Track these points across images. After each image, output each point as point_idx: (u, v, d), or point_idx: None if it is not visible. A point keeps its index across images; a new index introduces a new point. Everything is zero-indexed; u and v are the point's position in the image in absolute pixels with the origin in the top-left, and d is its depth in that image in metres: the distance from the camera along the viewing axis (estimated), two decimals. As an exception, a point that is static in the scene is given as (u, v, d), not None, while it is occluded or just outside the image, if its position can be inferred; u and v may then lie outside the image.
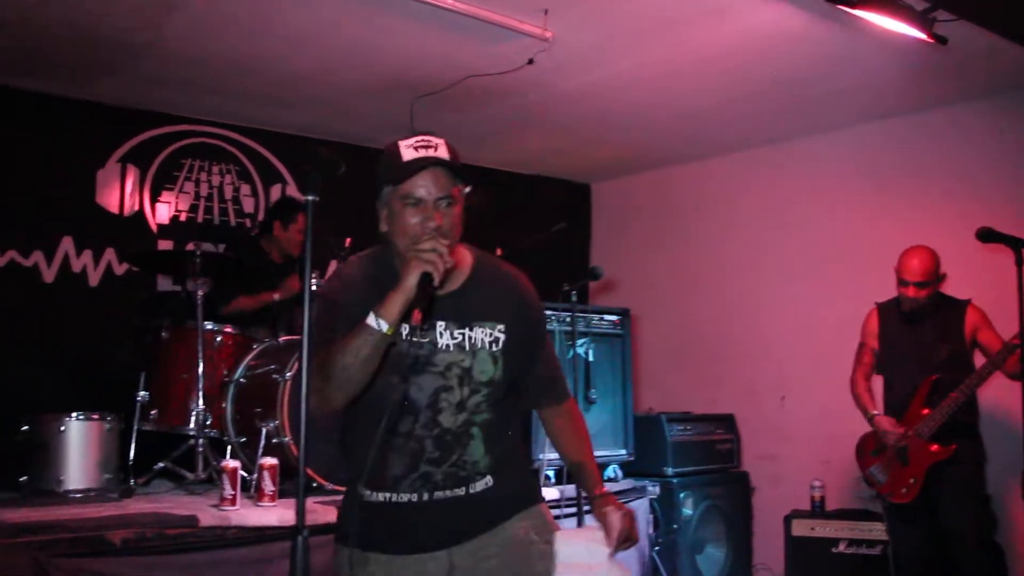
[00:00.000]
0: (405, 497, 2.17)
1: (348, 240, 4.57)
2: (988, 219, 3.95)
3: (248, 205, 5.91)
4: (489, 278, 2.27)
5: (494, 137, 6.14)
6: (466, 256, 2.26)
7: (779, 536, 5.36)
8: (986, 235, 3.69)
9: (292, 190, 6.02)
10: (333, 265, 5.40)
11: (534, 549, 2.24)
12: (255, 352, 4.38)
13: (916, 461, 4.30)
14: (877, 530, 4.91)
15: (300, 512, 1.90)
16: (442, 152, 2.12)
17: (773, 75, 4.93)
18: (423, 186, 2.09)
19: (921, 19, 3.87)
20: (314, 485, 3.97)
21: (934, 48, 4.12)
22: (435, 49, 4.58)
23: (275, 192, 6.00)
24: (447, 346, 2.16)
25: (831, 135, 5.96)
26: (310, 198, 2.07)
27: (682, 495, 5.02)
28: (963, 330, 4.39)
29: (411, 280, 2.00)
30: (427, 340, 2.15)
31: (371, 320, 1.99)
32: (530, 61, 4.55)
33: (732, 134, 6.11)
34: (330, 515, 3.58)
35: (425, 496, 2.17)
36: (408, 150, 2.11)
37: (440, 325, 2.17)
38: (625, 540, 2.26)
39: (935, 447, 4.26)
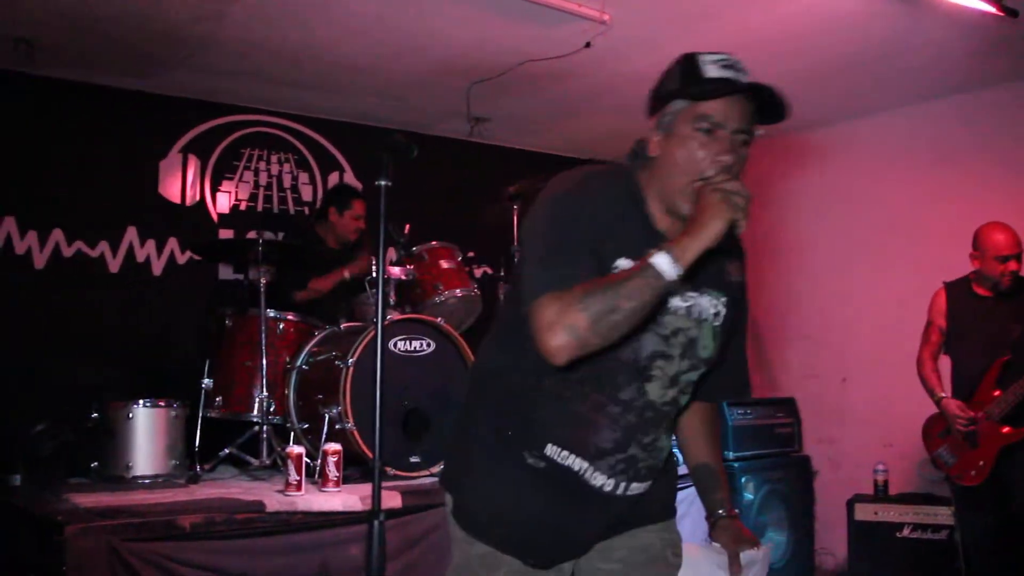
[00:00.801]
0: (600, 480, 1.85)
1: (407, 226, 4.60)
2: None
3: (306, 193, 5.96)
4: (725, 243, 1.78)
5: (550, 122, 6.12)
6: None
7: (841, 521, 5.30)
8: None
9: (350, 178, 6.06)
10: (392, 253, 5.44)
11: (666, 570, 2.00)
12: (317, 339, 4.42)
13: (986, 443, 4.23)
14: (943, 514, 4.83)
15: (376, 497, 1.91)
16: (749, 78, 1.82)
17: (832, 55, 4.84)
18: (724, 111, 1.79)
19: (994, -8, 3.77)
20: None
21: (1003, 21, 4.01)
22: (491, 34, 4.57)
23: (333, 180, 6.04)
24: (677, 308, 1.84)
25: (896, 113, 5.84)
26: (383, 183, 2.07)
27: (743, 479, 4.97)
28: (1036, 311, 4.29)
29: (718, 225, 1.68)
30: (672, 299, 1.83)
31: (660, 260, 1.63)
32: (587, 44, 4.52)
33: (793, 115, 6.00)
34: (394, 500, 3.62)
35: (622, 486, 1.87)
36: (712, 67, 1.82)
37: (695, 283, 1.85)
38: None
39: (1007, 429, 4.18)
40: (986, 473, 4.23)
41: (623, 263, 1.75)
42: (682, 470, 2.19)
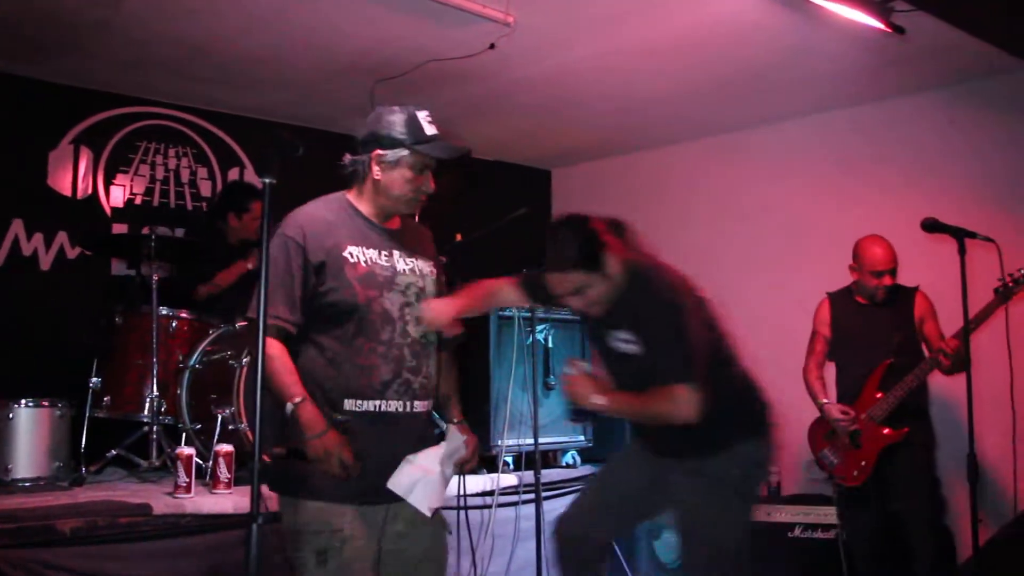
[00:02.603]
0: (393, 405, 2.56)
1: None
2: (943, 207, 4.02)
3: (205, 188, 5.83)
4: (414, 228, 2.85)
5: (454, 122, 6.04)
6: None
7: (735, 521, 5.41)
8: (931, 226, 3.74)
9: (250, 174, 5.95)
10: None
11: (434, 527, 2.74)
12: (211, 338, 4.33)
13: (868, 444, 4.37)
14: (831, 514, 4.96)
15: (255, 499, 1.88)
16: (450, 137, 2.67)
17: (734, 63, 4.95)
18: (432, 164, 2.65)
19: (880, 9, 3.91)
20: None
21: (893, 38, 4.16)
22: (396, 32, 4.54)
23: (233, 175, 5.92)
24: (403, 270, 2.66)
25: (792, 123, 6.01)
26: (268, 180, 2.06)
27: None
28: (913, 316, 4.47)
29: (317, 455, 2.42)
30: (388, 264, 2.63)
31: (291, 400, 2.43)
32: (492, 46, 4.52)
33: (693, 121, 6.14)
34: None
35: (407, 404, 2.59)
36: (427, 124, 2.62)
37: (396, 254, 2.66)
38: (466, 463, 2.79)
39: (887, 430, 4.33)
40: (868, 473, 4.37)
41: (353, 249, 2.58)
42: (573, 473, 2.52)
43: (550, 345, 4.78)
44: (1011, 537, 4.36)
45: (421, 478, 2.57)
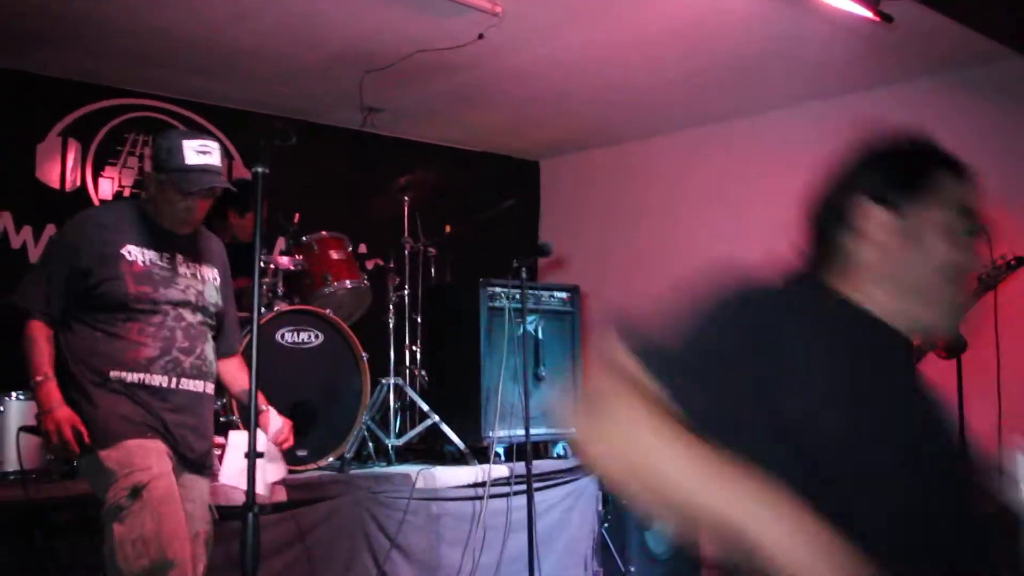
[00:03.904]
0: (157, 380, 2.80)
1: (297, 216, 4.53)
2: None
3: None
4: (207, 237, 3.11)
5: (442, 113, 6.12)
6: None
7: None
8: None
9: (239, 166, 5.93)
10: (281, 242, 5.34)
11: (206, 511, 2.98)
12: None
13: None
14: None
15: (251, 488, 1.89)
16: (217, 161, 2.85)
17: (722, 53, 4.96)
18: (197, 194, 2.84)
19: (868, -5, 3.92)
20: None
21: (879, 26, 4.18)
22: (384, 24, 4.53)
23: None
24: (185, 273, 2.93)
25: (779, 112, 6.01)
26: (260, 170, 2.08)
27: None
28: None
29: (47, 429, 2.72)
30: (169, 265, 2.90)
31: (33, 378, 2.82)
32: (480, 36, 4.52)
33: (681, 112, 6.14)
34: (280, 494, 3.56)
35: (175, 381, 2.83)
36: (192, 153, 2.80)
37: (178, 257, 2.93)
38: (280, 440, 3.10)
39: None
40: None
41: (133, 248, 2.85)
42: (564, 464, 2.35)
43: (540, 336, 4.78)
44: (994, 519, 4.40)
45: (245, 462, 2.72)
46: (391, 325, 4.76)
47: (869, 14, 3.98)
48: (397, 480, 4.08)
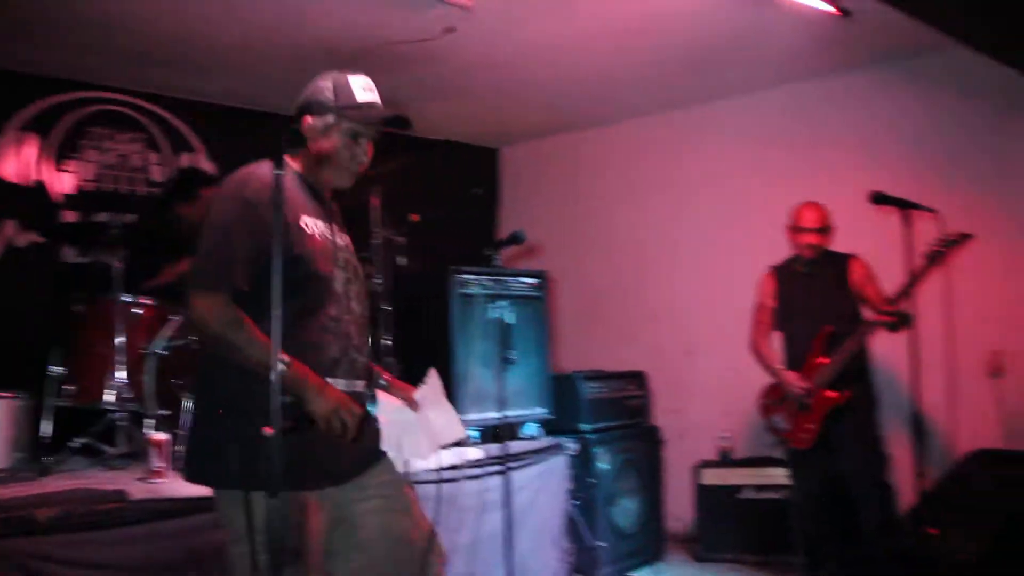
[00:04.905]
0: (340, 385, 2.39)
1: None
2: (883, 182, 4.22)
3: (157, 175, 5.78)
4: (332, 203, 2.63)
5: (414, 105, 6.12)
6: None
7: (689, 486, 5.62)
8: (878, 198, 3.97)
9: (203, 159, 5.92)
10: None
11: (404, 487, 2.65)
12: (175, 324, 4.34)
13: (815, 408, 4.57)
14: (780, 475, 5.19)
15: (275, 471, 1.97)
16: (379, 98, 2.52)
17: (683, 42, 5.08)
18: (366, 131, 2.49)
19: (830, -8, 4.06)
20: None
21: (839, 19, 4.33)
22: (355, 16, 4.57)
23: (185, 162, 5.88)
24: (341, 244, 2.53)
25: (740, 100, 6.17)
26: (279, 172, 2.14)
27: (597, 450, 5.18)
28: (850, 282, 4.67)
29: (320, 411, 2.27)
30: (331, 238, 2.48)
31: (280, 362, 2.12)
32: (450, 29, 4.58)
33: (642, 99, 6.26)
34: (262, 483, 3.62)
35: (353, 384, 2.46)
36: (360, 89, 2.48)
37: (334, 227, 2.53)
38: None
39: (832, 393, 4.53)
40: (815, 436, 4.58)
41: (307, 219, 2.40)
42: (536, 445, 2.57)
43: (510, 321, 4.89)
44: (947, 487, 4.63)
45: (401, 430, 2.59)
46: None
47: (831, 8, 4.12)
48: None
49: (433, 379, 2.74)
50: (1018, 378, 5.06)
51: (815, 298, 4.70)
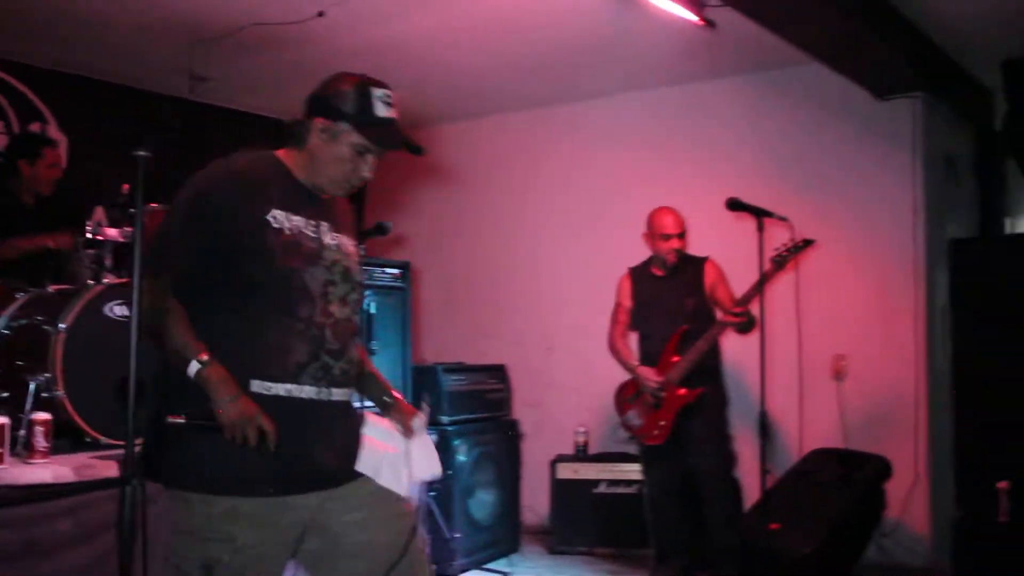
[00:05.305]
0: (307, 392, 2.25)
1: (126, 187, 4.37)
2: (742, 187, 4.40)
3: (2, 143, 5.48)
4: (341, 202, 2.52)
5: (275, 86, 6.01)
6: None
7: (546, 479, 5.71)
8: (734, 204, 4.14)
9: (53, 130, 5.64)
10: (99, 212, 5.14)
11: (398, 503, 2.44)
12: (20, 302, 4.11)
13: (667, 405, 4.72)
14: (634, 471, 5.33)
15: (129, 460, 1.90)
16: (396, 114, 2.38)
17: (554, 41, 5.16)
18: (378, 150, 2.36)
19: (694, 3, 4.21)
20: (87, 440, 3.83)
21: (704, 29, 4.48)
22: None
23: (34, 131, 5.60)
24: (331, 245, 2.37)
25: (604, 101, 6.30)
26: (143, 153, 2.07)
27: (456, 442, 5.20)
28: (704, 284, 4.82)
29: (231, 421, 2.12)
30: (316, 236, 2.34)
31: (197, 358, 2.15)
32: (320, 13, 4.52)
33: (509, 96, 6.32)
34: (110, 470, 3.49)
35: (324, 391, 2.28)
36: (380, 104, 2.34)
37: (324, 225, 2.38)
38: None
39: (683, 391, 4.67)
40: (667, 432, 4.72)
41: (277, 213, 2.27)
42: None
43: (372, 311, 4.85)
44: (789, 484, 4.86)
45: (384, 457, 2.41)
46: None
47: (695, 19, 4.27)
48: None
49: (425, 408, 2.60)
50: (858, 381, 5.37)
51: (671, 299, 4.84)
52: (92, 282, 4.00)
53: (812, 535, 4.34)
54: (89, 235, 4.20)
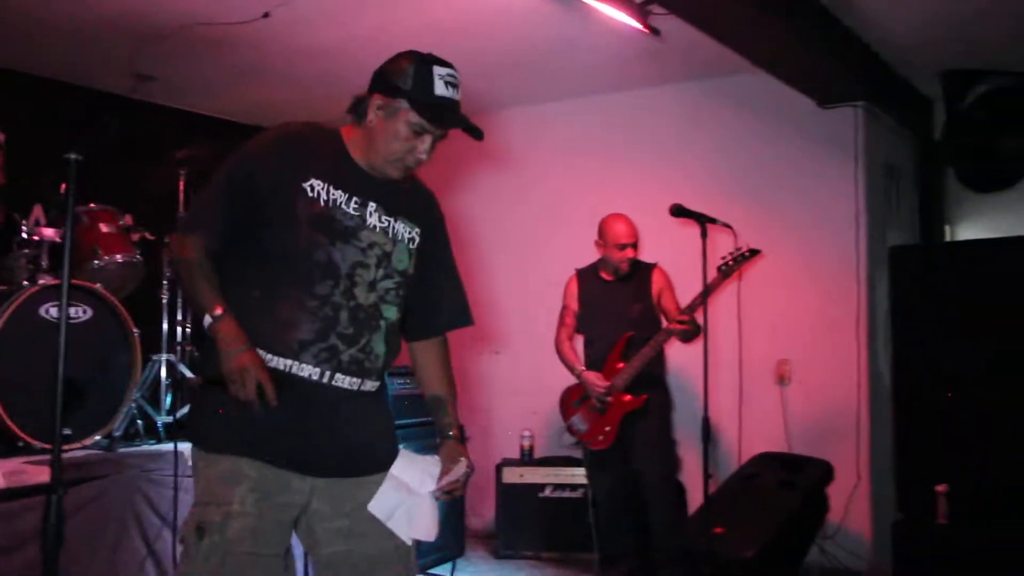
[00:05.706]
0: (307, 371, 2.18)
1: (64, 185, 4.28)
2: (687, 194, 4.43)
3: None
4: (416, 187, 2.47)
5: (221, 86, 5.95)
6: None
7: (491, 483, 5.70)
8: (677, 211, 4.16)
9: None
10: (38, 210, 5.02)
11: (387, 533, 2.33)
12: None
13: (612, 410, 4.73)
14: (579, 475, 5.34)
15: (56, 467, 1.86)
16: (459, 96, 2.33)
17: (503, 46, 5.16)
18: (437, 130, 2.28)
19: (639, 10, 4.23)
20: (20, 444, 3.75)
21: (649, 36, 4.51)
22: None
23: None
24: (374, 226, 2.28)
25: (554, 106, 6.33)
26: (74, 156, 2.02)
27: (402, 446, 5.15)
28: (651, 291, 4.84)
29: (226, 368, 2.10)
30: (358, 214, 2.26)
31: (211, 313, 2.14)
32: (266, 15, 4.47)
33: (462, 98, 6.29)
34: (43, 475, 3.42)
35: (327, 375, 2.19)
36: (440, 83, 2.27)
37: (371, 205, 2.29)
38: (453, 489, 2.39)
39: (628, 397, 4.69)
40: (612, 438, 4.73)
41: (315, 183, 2.22)
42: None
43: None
44: (732, 488, 4.90)
45: (404, 501, 2.30)
46: (165, 301, 4.64)
47: (639, 26, 4.30)
48: (168, 457, 4.00)
49: (468, 468, 2.42)
50: (802, 386, 5.44)
51: (617, 304, 4.85)
52: (27, 283, 3.92)
53: (755, 539, 4.38)
54: (25, 235, 4.12)
